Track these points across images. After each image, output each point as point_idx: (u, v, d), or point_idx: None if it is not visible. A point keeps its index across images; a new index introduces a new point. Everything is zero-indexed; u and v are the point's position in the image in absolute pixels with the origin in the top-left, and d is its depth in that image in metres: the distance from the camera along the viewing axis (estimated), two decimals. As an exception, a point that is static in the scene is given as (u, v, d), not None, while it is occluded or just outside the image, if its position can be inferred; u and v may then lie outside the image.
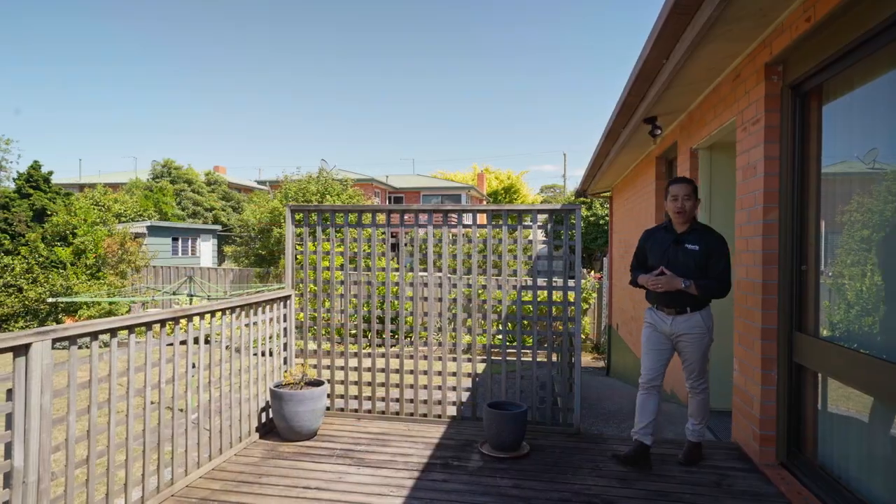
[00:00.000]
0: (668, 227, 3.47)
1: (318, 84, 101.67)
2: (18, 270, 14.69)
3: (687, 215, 3.37)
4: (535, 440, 3.94)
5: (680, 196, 3.36)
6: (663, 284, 3.30)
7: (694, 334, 3.35)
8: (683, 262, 3.32)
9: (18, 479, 2.25)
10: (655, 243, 3.49)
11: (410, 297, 4.48)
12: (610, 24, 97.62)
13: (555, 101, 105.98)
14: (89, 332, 2.65)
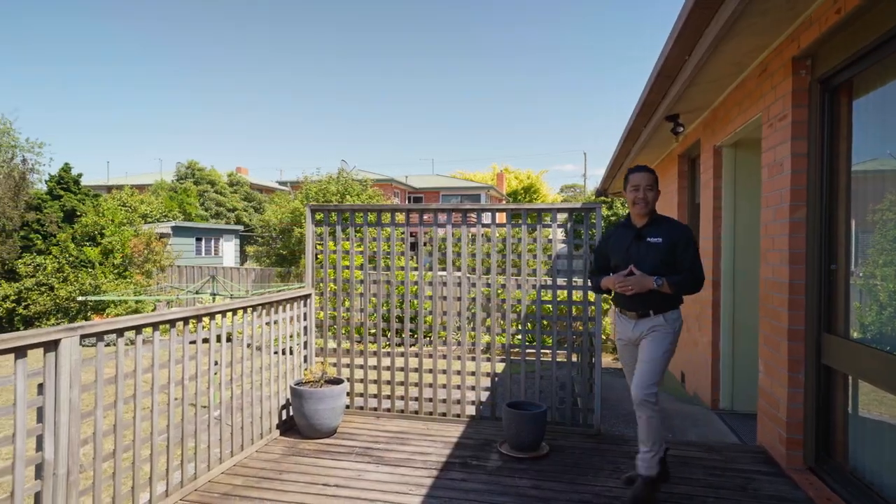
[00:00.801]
0: (627, 223, 3.19)
1: (338, 85, 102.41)
2: (50, 269, 15.08)
3: (647, 207, 3.07)
4: (555, 441, 3.90)
5: (641, 186, 3.07)
6: (633, 285, 2.96)
7: (656, 332, 3.02)
8: (649, 259, 3.01)
9: (49, 470, 2.30)
10: (616, 242, 3.18)
11: (430, 296, 4.49)
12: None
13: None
14: (115, 328, 2.70)
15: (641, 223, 3.11)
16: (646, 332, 3.05)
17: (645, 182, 3.07)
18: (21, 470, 2.20)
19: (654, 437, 2.97)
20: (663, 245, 3.02)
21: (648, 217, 3.11)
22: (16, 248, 15.38)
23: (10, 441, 2.18)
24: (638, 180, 3.08)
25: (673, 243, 3.01)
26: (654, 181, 3.10)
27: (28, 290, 14.90)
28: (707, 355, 4.86)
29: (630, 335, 3.13)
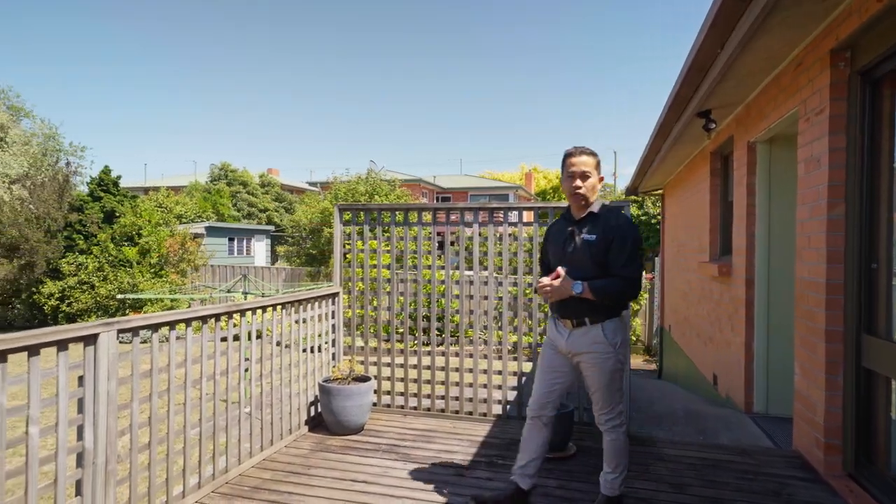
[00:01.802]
0: (566, 215, 2.78)
1: (366, 86, 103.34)
2: (91, 268, 15.64)
3: (585, 197, 2.65)
4: (582, 441, 3.86)
5: (577, 172, 2.62)
6: (550, 291, 2.60)
7: (594, 353, 2.62)
8: (581, 260, 2.61)
9: (89, 459, 2.39)
10: (554, 238, 2.79)
11: (457, 295, 4.49)
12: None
13: (607, 98, 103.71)
14: (150, 324, 2.79)
15: (579, 215, 2.71)
16: (582, 351, 2.65)
17: (582, 167, 2.62)
18: (63, 458, 2.29)
19: (619, 457, 2.74)
20: (597, 244, 2.60)
21: (587, 209, 2.69)
22: (60, 248, 15.99)
23: (52, 430, 2.28)
24: (574, 165, 2.64)
25: (608, 241, 2.59)
26: (593, 166, 2.66)
27: (71, 289, 15.48)
28: (740, 356, 4.74)
29: (563, 346, 2.72)
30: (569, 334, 2.69)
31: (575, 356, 2.70)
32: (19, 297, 16.18)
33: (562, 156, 2.76)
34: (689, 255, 7.65)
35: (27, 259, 15.44)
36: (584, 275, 2.58)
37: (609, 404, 2.70)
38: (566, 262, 2.66)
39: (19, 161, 17.59)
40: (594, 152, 2.70)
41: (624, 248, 2.57)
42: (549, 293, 2.63)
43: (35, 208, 16.22)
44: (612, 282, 2.56)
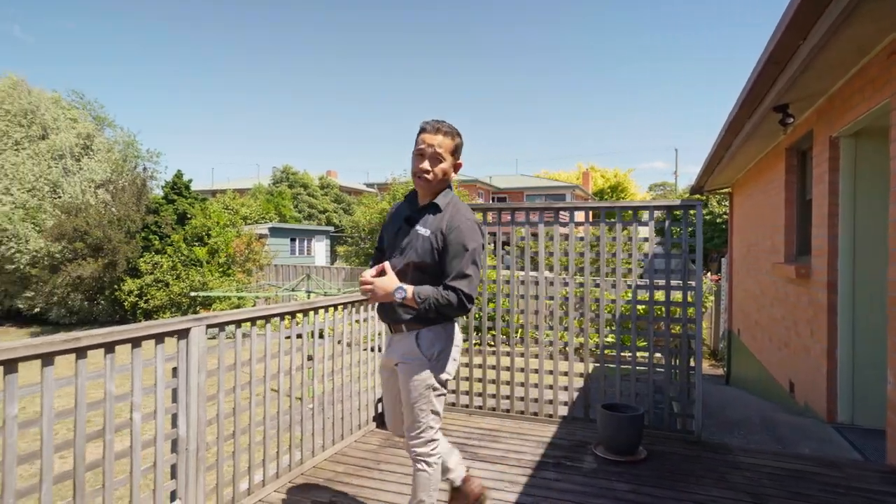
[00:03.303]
0: (411, 199, 2.37)
1: (421, 86, 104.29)
2: (165, 267, 16.58)
3: (433, 183, 2.24)
4: (652, 445, 3.78)
5: (427, 153, 2.21)
6: (372, 290, 2.15)
7: (404, 364, 2.28)
8: (410, 255, 2.25)
9: (182, 446, 2.56)
10: (391, 222, 2.40)
11: (521, 295, 4.49)
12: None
13: (666, 95, 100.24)
14: (234, 320, 2.94)
15: (424, 203, 2.31)
16: (396, 361, 2.33)
17: (434, 148, 2.21)
18: (161, 444, 2.46)
19: (420, 494, 2.32)
20: (429, 242, 2.21)
21: (434, 196, 2.30)
22: (138, 248, 17.04)
23: (151, 417, 2.45)
24: (427, 142, 2.21)
25: (444, 242, 2.19)
26: (449, 149, 2.24)
27: (148, 286, 16.47)
28: (821, 363, 4.49)
29: (385, 356, 2.41)
30: (390, 340, 2.40)
31: (393, 366, 2.38)
32: (103, 293, 17.35)
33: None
34: (760, 255, 7.30)
35: (110, 258, 16.54)
36: (411, 273, 2.23)
37: (415, 426, 2.28)
38: (397, 253, 2.27)
39: (103, 167, 18.87)
40: (455, 132, 2.27)
41: (462, 256, 2.18)
42: (369, 292, 2.15)
43: (116, 211, 17.36)
44: (443, 294, 2.16)
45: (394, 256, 2.29)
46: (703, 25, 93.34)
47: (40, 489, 2.03)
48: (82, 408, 2.15)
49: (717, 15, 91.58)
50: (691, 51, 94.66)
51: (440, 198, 2.29)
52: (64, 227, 16.29)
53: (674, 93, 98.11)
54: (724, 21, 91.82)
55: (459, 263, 2.18)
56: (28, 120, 18.36)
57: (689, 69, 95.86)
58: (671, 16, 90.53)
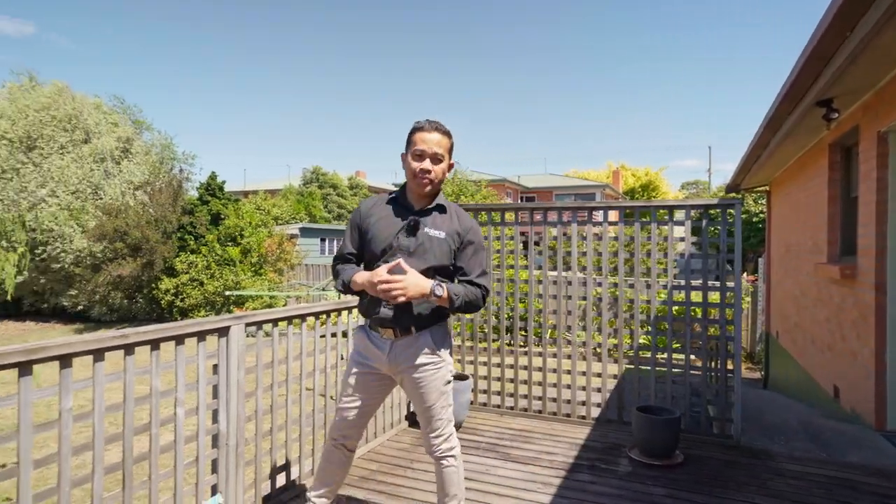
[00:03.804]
0: (399, 200, 2.32)
1: (450, 85, 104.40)
2: (200, 267, 16.99)
3: (435, 184, 2.24)
4: (689, 449, 3.70)
5: (429, 153, 2.20)
6: (404, 289, 2.08)
7: (423, 366, 2.27)
8: (424, 257, 2.21)
9: (223, 441, 2.62)
10: (382, 223, 2.28)
11: (553, 296, 4.45)
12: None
13: (700, 91, 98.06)
14: (272, 318, 2.99)
15: (421, 205, 2.29)
16: (408, 365, 2.27)
17: (435, 148, 2.20)
18: (203, 439, 2.52)
19: (457, 488, 2.41)
20: (447, 244, 2.23)
21: (432, 198, 2.30)
22: (174, 248, 17.50)
23: (194, 413, 2.51)
24: (427, 143, 2.19)
25: (462, 242, 2.26)
26: (447, 148, 2.24)
27: (183, 285, 16.90)
28: (870, 367, 4.33)
29: (383, 361, 2.29)
30: (390, 346, 2.28)
31: (400, 373, 2.30)
32: (141, 292, 17.87)
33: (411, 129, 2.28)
34: (801, 255, 7.08)
35: (148, 258, 17.03)
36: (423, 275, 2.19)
37: (443, 425, 2.32)
38: (402, 256, 2.19)
39: (141, 169, 19.45)
40: (449, 131, 2.27)
41: (479, 255, 2.30)
42: (400, 291, 2.07)
43: (154, 212, 17.87)
44: (469, 290, 2.24)
45: (396, 258, 2.18)
46: (744, 22, 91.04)
47: (92, 479, 2.11)
48: (130, 402, 2.22)
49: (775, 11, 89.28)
50: (727, 50, 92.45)
51: (440, 198, 2.31)
52: (105, 227, 16.85)
53: (707, 90, 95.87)
54: (771, 18, 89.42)
55: (480, 261, 2.29)
56: (72, 125, 19.05)
57: (725, 66, 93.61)
58: (729, 14, 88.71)
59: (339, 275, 2.32)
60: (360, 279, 2.22)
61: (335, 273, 2.35)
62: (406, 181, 2.32)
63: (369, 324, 2.33)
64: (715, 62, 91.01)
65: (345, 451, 2.47)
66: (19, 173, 18.16)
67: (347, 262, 2.35)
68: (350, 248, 2.34)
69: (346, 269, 2.32)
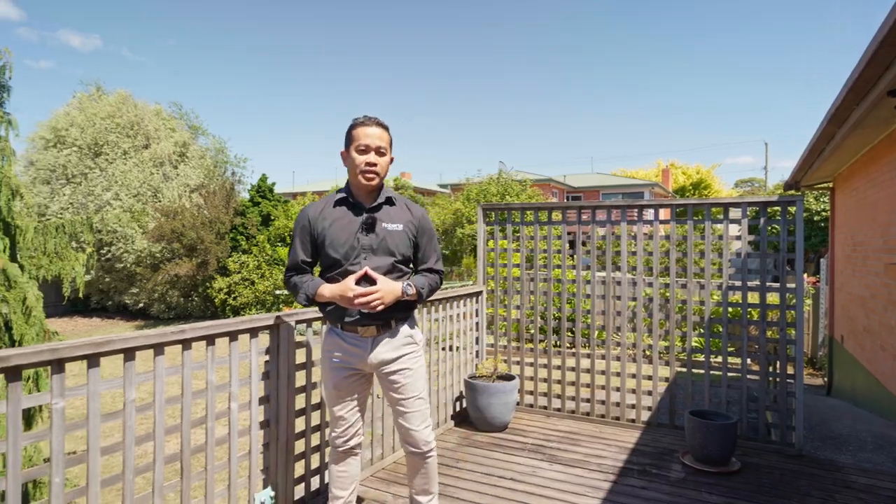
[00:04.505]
0: (348, 200, 2.30)
1: (496, 86, 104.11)
2: (251, 267, 17.55)
3: (380, 177, 2.27)
4: (746, 457, 3.55)
5: (372, 146, 2.22)
6: (381, 298, 2.15)
7: (406, 356, 2.33)
8: (386, 254, 2.24)
9: (273, 436, 2.69)
10: (336, 227, 2.25)
11: (601, 296, 4.36)
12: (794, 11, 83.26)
13: (756, 86, 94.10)
14: (320, 317, 3.04)
15: (371, 201, 2.29)
16: (391, 358, 2.31)
17: (378, 142, 2.23)
18: (255, 432, 2.59)
19: (436, 478, 2.50)
20: (405, 234, 2.29)
21: (379, 192, 2.31)
22: (227, 248, 18.15)
23: (246, 407, 2.59)
24: (369, 137, 2.22)
25: (418, 232, 2.34)
26: (388, 142, 2.29)
27: (236, 284, 17.50)
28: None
29: (366, 359, 2.29)
30: (371, 343, 2.29)
31: (382, 368, 2.32)
32: (196, 290, 18.63)
33: (350, 127, 2.30)
34: (869, 255, 6.68)
35: (202, 258, 17.73)
36: (385, 271, 2.24)
37: (424, 413, 2.39)
38: (366, 255, 2.22)
39: (197, 173, 20.27)
40: (387, 126, 2.31)
41: (433, 241, 2.41)
42: (378, 301, 2.14)
43: (208, 213, 18.58)
44: (430, 278, 2.37)
45: (361, 259, 2.22)
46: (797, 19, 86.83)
47: (153, 468, 2.20)
48: (188, 395, 2.31)
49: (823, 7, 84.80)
50: (787, 42, 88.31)
51: (386, 191, 2.33)
52: (163, 228, 17.65)
53: (763, 85, 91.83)
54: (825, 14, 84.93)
55: (434, 247, 2.41)
56: (134, 131, 20.04)
57: (783, 60, 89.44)
58: (766, 11, 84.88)
59: (299, 288, 2.29)
60: (328, 292, 2.21)
61: (293, 286, 2.31)
62: (348, 180, 2.33)
63: (341, 326, 2.31)
64: (772, 56, 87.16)
65: (353, 453, 2.49)
66: (87, 178, 19.25)
67: (302, 271, 2.33)
68: (303, 257, 2.31)
69: (304, 282, 2.29)
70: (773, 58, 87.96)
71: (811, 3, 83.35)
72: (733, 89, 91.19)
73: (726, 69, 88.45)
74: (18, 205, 6.84)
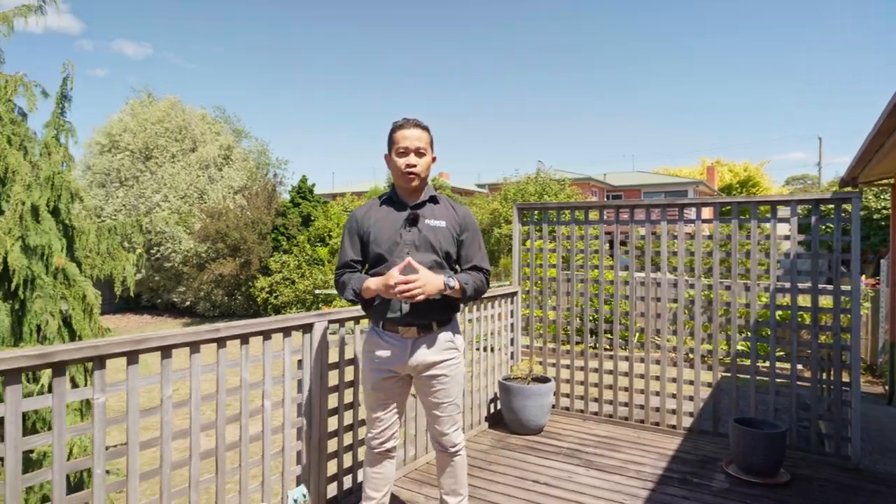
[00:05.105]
0: (393, 199, 2.35)
1: (528, 82, 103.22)
2: (292, 266, 17.92)
3: (422, 178, 2.29)
4: (796, 469, 3.37)
5: (412, 148, 2.25)
6: (421, 287, 2.10)
7: (446, 361, 2.32)
8: (431, 250, 2.25)
9: (306, 434, 2.71)
10: (381, 224, 2.29)
11: (641, 297, 4.23)
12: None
13: (808, 80, 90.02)
14: (353, 316, 3.05)
15: (415, 200, 2.33)
16: (431, 362, 2.29)
17: (417, 143, 2.26)
18: (288, 430, 2.62)
19: (464, 480, 2.51)
20: (448, 231, 2.29)
21: (422, 192, 2.35)
22: (268, 248, 18.58)
23: (280, 406, 2.62)
24: (408, 139, 2.25)
25: (461, 230, 2.33)
26: (428, 142, 2.30)
27: (277, 284, 17.90)
28: None
29: (404, 361, 2.27)
30: (413, 345, 2.27)
31: (421, 372, 2.31)
32: (239, 289, 19.15)
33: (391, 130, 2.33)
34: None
35: (245, 257, 18.21)
36: (430, 268, 2.22)
37: (456, 418, 2.41)
38: (409, 251, 2.23)
39: (240, 175, 20.84)
40: (427, 126, 2.32)
41: (478, 240, 2.39)
42: (419, 290, 2.09)
43: (251, 214, 19.07)
44: (475, 276, 2.32)
45: (404, 254, 2.22)
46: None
47: (190, 463, 2.25)
48: (222, 393, 2.35)
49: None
50: (843, 35, 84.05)
51: (429, 190, 2.36)
52: (208, 229, 18.21)
53: (816, 78, 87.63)
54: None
55: (479, 245, 2.39)
56: (182, 135, 20.77)
57: (836, 53, 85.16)
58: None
59: (347, 285, 2.30)
60: (373, 285, 2.21)
61: (342, 283, 2.33)
62: (393, 181, 2.36)
63: (383, 325, 2.31)
64: (825, 50, 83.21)
65: (388, 456, 2.47)
66: (139, 181, 20.07)
67: (352, 269, 2.35)
68: (352, 256, 2.34)
69: (353, 279, 2.30)
70: (832, 53, 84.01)
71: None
72: (784, 85, 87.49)
73: (780, 64, 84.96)
74: (77, 207, 7.17)
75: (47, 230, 5.87)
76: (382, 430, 2.40)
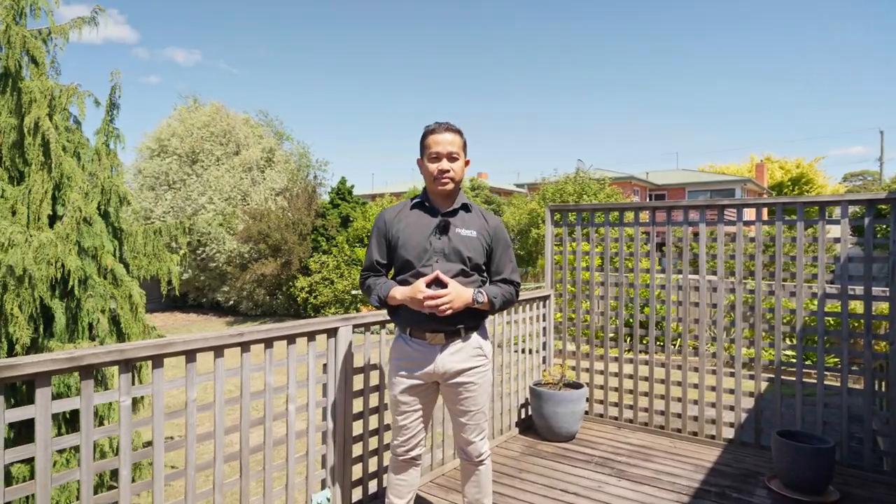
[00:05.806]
0: (424, 204, 2.28)
1: (572, 83, 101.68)
2: (331, 266, 18.21)
3: (455, 182, 2.22)
4: (847, 487, 3.17)
5: (444, 153, 2.19)
6: (450, 302, 2.07)
7: (474, 369, 2.26)
8: (460, 260, 2.19)
9: (331, 438, 2.71)
10: (411, 229, 2.23)
11: (678, 301, 4.07)
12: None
13: (870, 66, 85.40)
14: (379, 321, 3.04)
15: (447, 206, 2.26)
16: (459, 370, 2.23)
17: (450, 147, 2.19)
18: (312, 434, 2.63)
19: (489, 489, 2.47)
20: (478, 241, 2.23)
21: (454, 198, 2.28)
22: (308, 249, 18.93)
23: (304, 409, 2.63)
24: (440, 144, 2.19)
25: (492, 240, 2.28)
26: (460, 146, 2.24)
27: (316, 284, 18.22)
28: None
29: (431, 368, 2.22)
30: (440, 352, 2.22)
31: (448, 379, 2.26)
32: (280, 289, 19.59)
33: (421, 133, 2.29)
34: None
35: (286, 258, 18.61)
36: (452, 277, 2.17)
37: (482, 427, 2.37)
38: (438, 259, 2.17)
39: (281, 177, 21.31)
40: (461, 130, 2.26)
41: (509, 251, 2.35)
42: (447, 305, 2.07)
43: (291, 215, 19.48)
44: (504, 289, 2.28)
45: (433, 262, 2.18)
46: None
47: (214, 465, 2.28)
48: (246, 396, 2.37)
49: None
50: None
51: (462, 197, 2.31)
52: (251, 230, 18.70)
53: (879, 63, 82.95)
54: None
55: (510, 257, 2.34)
56: (226, 139, 21.42)
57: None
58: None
59: (373, 289, 2.27)
60: (400, 295, 2.18)
61: (367, 287, 2.31)
62: (426, 185, 2.31)
63: (410, 331, 2.27)
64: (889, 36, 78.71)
65: (414, 464, 2.42)
66: (185, 184, 20.80)
67: (377, 272, 2.33)
68: (377, 258, 2.31)
69: (378, 284, 2.27)
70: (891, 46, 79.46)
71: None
72: (844, 69, 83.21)
73: (843, 59, 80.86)
74: (126, 210, 7.45)
75: (98, 232, 6.13)
76: (408, 438, 2.35)
